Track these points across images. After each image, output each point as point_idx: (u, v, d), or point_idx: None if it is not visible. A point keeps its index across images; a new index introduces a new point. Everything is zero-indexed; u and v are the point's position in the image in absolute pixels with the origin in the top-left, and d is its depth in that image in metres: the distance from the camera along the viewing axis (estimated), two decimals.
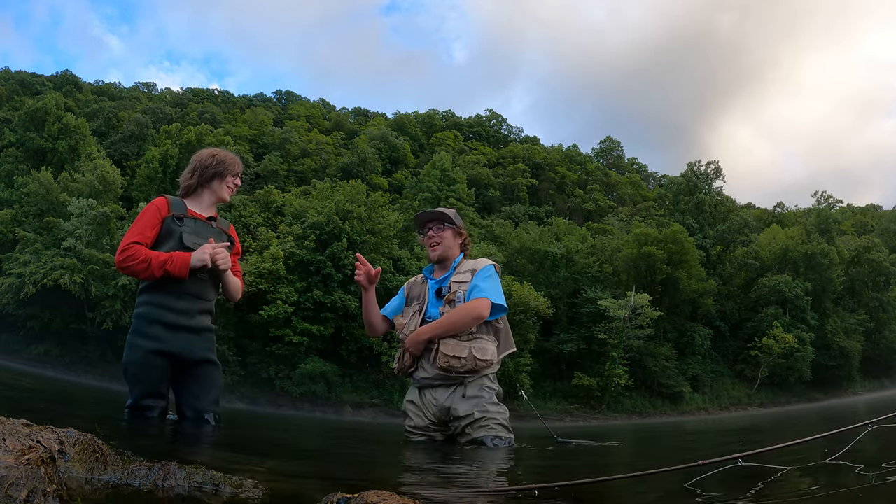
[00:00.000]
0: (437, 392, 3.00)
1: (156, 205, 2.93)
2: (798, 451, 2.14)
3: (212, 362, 2.96)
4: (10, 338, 33.15)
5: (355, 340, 34.49)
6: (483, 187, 60.76)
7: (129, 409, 2.80)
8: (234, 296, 3.12)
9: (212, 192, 3.07)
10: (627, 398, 37.33)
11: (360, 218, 35.98)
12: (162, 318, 2.80)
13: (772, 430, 6.37)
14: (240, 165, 3.16)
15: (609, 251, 43.62)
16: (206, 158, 3.06)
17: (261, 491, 1.21)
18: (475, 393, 2.94)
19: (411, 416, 3.10)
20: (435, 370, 2.95)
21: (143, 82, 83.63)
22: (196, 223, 2.96)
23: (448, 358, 2.89)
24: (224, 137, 45.32)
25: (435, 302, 3.08)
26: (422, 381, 3.04)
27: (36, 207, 36.33)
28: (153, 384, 2.79)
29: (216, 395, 2.97)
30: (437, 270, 3.22)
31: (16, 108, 47.18)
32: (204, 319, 2.95)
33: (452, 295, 3.01)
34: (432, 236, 3.16)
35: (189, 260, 2.79)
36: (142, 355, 2.78)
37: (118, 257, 2.77)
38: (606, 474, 1.62)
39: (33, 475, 0.94)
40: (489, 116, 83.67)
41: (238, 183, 3.15)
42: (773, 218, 59.03)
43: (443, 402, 2.97)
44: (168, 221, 2.88)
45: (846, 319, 44.88)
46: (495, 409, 2.94)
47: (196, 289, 2.90)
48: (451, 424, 2.97)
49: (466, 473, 2.00)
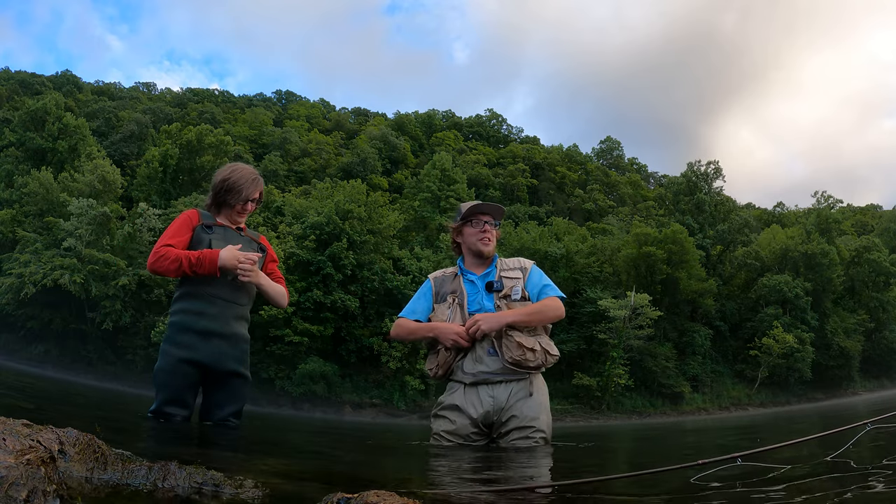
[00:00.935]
0: (497, 389, 2.76)
1: (187, 214, 2.96)
2: (797, 450, 2.14)
3: (241, 375, 2.92)
4: (10, 338, 33.17)
5: (355, 340, 34.50)
6: (483, 187, 60.78)
7: (152, 413, 2.79)
8: (278, 302, 3.11)
9: (228, 211, 3.06)
10: (627, 398, 37.33)
11: (360, 218, 35.99)
12: (194, 325, 2.79)
13: (772, 430, 6.38)
14: (253, 188, 3.05)
15: (609, 251, 43.60)
16: (218, 183, 3.02)
17: (261, 491, 1.21)
18: (540, 398, 2.81)
19: (453, 420, 2.80)
20: (501, 363, 2.74)
21: (143, 82, 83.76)
22: (226, 231, 2.98)
23: (525, 350, 2.72)
24: (224, 137, 45.29)
25: (487, 296, 2.91)
26: (478, 377, 2.77)
27: (36, 207, 36.36)
28: (178, 392, 2.78)
29: (239, 408, 2.95)
30: (475, 266, 3.03)
31: (16, 108, 47.23)
32: (238, 326, 2.92)
33: (509, 290, 2.89)
34: (489, 230, 3.00)
35: (217, 257, 2.77)
36: (172, 363, 2.77)
37: (150, 259, 2.77)
38: (606, 474, 1.62)
39: (33, 475, 0.94)
40: (489, 116, 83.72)
41: (250, 208, 3.07)
42: (773, 218, 59.06)
43: (503, 399, 2.75)
44: (198, 230, 2.91)
45: (846, 319, 44.87)
46: (546, 419, 2.81)
47: (228, 293, 2.88)
48: (499, 425, 2.77)
49: (468, 473, 2.00)
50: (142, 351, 33.16)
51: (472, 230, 3.01)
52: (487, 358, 2.76)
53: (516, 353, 2.73)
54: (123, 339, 33.80)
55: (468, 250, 3.05)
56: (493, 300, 2.88)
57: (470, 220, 3.03)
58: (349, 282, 35.00)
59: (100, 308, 32.61)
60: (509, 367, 2.74)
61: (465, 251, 3.08)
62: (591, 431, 9.98)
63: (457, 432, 2.78)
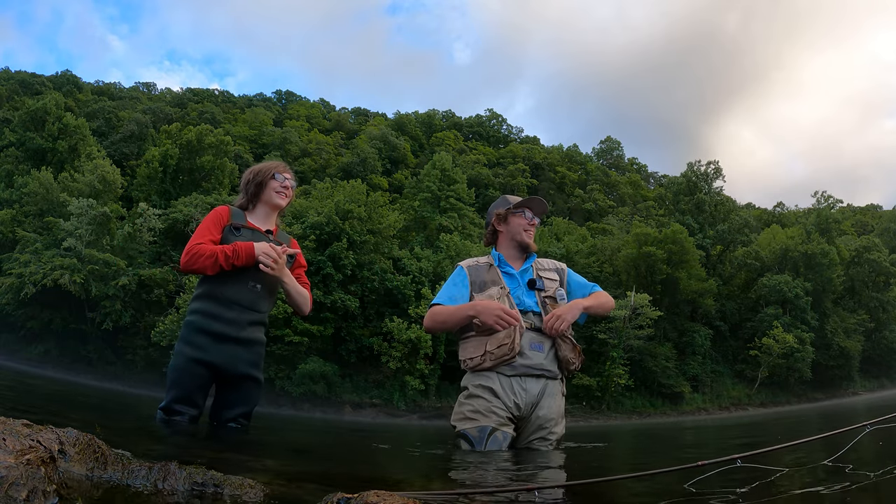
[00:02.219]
0: (532, 383, 2.69)
1: (218, 212, 2.92)
2: (798, 451, 2.14)
3: (254, 379, 2.91)
4: (10, 338, 33.17)
5: (355, 340, 34.50)
6: (483, 187, 60.78)
7: (161, 410, 2.80)
8: (301, 305, 3.03)
9: (264, 203, 3.03)
10: (627, 398, 37.34)
11: (360, 218, 35.99)
12: (209, 327, 2.77)
13: (772, 431, 6.38)
14: (282, 166, 3.08)
15: (609, 251, 43.62)
16: (247, 175, 3.04)
17: (261, 491, 1.21)
18: (560, 390, 2.80)
19: (487, 399, 2.65)
20: (542, 359, 2.70)
21: (143, 82, 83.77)
22: (254, 234, 2.94)
23: (578, 353, 2.78)
24: (224, 137, 45.31)
25: (527, 292, 2.84)
26: (519, 369, 2.67)
27: (36, 207, 36.36)
28: (188, 391, 2.76)
29: (249, 409, 2.93)
30: (513, 259, 2.95)
31: (16, 108, 47.23)
32: (254, 332, 2.89)
33: (553, 292, 2.85)
34: (535, 224, 2.99)
35: (253, 249, 2.75)
36: (184, 362, 2.76)
37: (184, 260, 2.74)
38: (606, 474, 1.62)
39: (33, 475, 0.94)
40: (489, 116, 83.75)
41: (288, 185, 3.04)
42: (773, 218, 59.07)
43: (536, 393, 2.68)
44: (226, 230, 2.87)
45: (846, 319, 44.88)
46: (563, 423, 2.81)
47: (248, 299, 2.85)
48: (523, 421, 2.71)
49: (468, 473, 2.00)
50: (142, 351, 33.16)
51: (521, 220, 2.94)
52: (530, 352, 2.69)
53: (570, 355, 2.74)
54: (123, 339, 33.81)
55: (510, 241, 2.96)
56: (534, 297, 2.81)
57: (520, 211, 2.97)
58: (349, 282, 35.00)
59: (100, 308, 32.60)
60: (549, 365, 2.71)
61: (505, 242, 2.98)
62: (591, 431, 9.98)
63: (493, 411, 2.63)
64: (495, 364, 2.66)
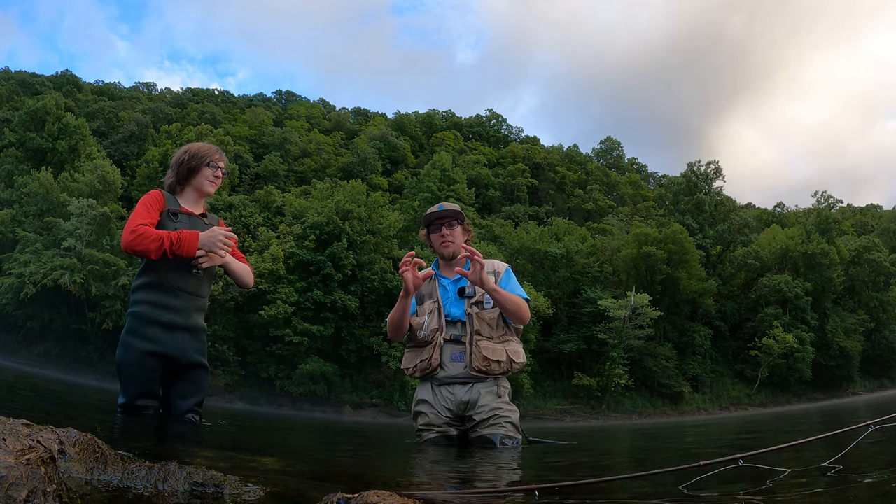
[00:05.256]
0: (455, 388, 2.95)
1: (154, 195, 2.87)
2: (799, 451, 2.13)
3: (203, 366, 2.94)
4: (10, 338, 33.15)
5: (355, 340, 34.49)
6: (483, 187, 60.77)
7: (122, 408, 2.77)
8: (245, 280, 3.05)
9: (193, 189, 2.98)
10: (627, 398, 37.33)
11: (360, 218, 35.99)
12: (159, 317, 2.76)
13: (772, 431, 6.37)
14: (218, 154, 3.01)
15: (609, 251, 43.61)
16: (180, 155, 2.97)
17: (261, 491, 1.21)
18: (491, 388, 2.94)
19: (426, 413, 3.01)
20: (468, 371, 2.91)
21: (144, 82, 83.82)
22: (191, 219, 2.91)
23: (490, 362, 2.89)
24: (224, 137, 45.33)
25: (456, 301, 3.01)
26: (443, 380, 2.96)
27: (36, 207, 36.34)
28: (148, 385, 2.77)
29: (201, 398, 2.96)
30: (446, 268, 3.14)
31: (16, 108, 47.20)
32: (199, 318, 2.92)
33: (481, 297, 2.97)
34: (446, 234, 3.07)
35: (197, 238, 2.73)
36: (138, 357, 2.74)
37: (127, 238, 2.64)
38: (607, 474, 1.62)
39: (33, 475, 0.94)
40: (489, 116, 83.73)
41: (220, 174, 3.00)
42: (774, 218, 59.07)
43: (461, 396, 2.93)
44: (164, 216, 2.82)
45: (846, 319, 44.88)
46: (508, 408, 2.95)
47: (193, 285, 2.86)
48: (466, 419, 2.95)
49: (467, 473, 1.99)
50: None
51: (434, 236, 3.12)
52: (451, 363, 2.93)
53: (482, 364, 2.89)
54: None
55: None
56: (462, 307, 2.99)
57: (427, 229, 3.16)
58: (349, 282, 35.00)
59: (100, 308, 32.60)
60: (476, 374, 2.90)
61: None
62: (591, 432, 9.98)
63: (431, 423, 2.97)
64: (423, 376, 3.00)
